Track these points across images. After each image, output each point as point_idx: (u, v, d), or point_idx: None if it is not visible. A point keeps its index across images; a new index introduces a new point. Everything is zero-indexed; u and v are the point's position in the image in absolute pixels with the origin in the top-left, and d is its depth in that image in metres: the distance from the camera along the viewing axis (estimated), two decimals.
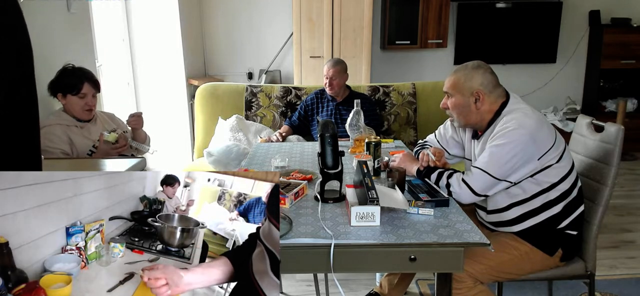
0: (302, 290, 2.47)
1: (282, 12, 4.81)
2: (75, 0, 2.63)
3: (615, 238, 3.06)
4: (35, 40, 0.85)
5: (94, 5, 3.17)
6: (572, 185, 1.68)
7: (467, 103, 1.71)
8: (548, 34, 4.97)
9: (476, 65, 1.72)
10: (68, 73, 2.28)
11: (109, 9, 3.68)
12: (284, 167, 2.07)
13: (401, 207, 1.48)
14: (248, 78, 4.97)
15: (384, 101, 3.50)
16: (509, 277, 1.73)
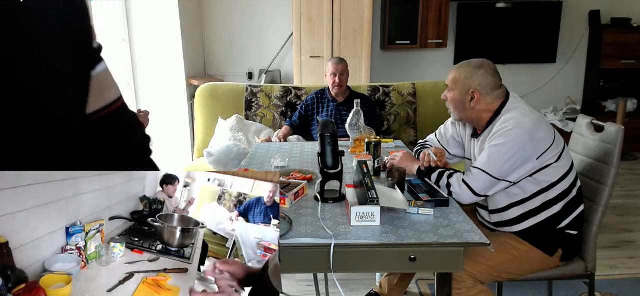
0: (302, 290, 2.47)
1: (282, 12, 4.81)
2: None
3: (615, 238, 3.06)
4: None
5: (94, 5, 3.17)
6: (571, 184, 1.68)
7: (463, 100, 1.73)
8: (548, 34, 4.97)
9: (479, 65, 1.72)
10: None
11: (109, 9, 3.68)
12: (284, 167, 2.07)
13: (401, 207, 1.48)
14: (248, 78, 4.97)
15: (384, 101, 3.50)
16: (509, 277, 1.73)
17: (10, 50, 0.67)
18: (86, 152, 0.80)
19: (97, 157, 0.80)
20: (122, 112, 0.79)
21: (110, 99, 0.77)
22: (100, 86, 0.77)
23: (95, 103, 0.76)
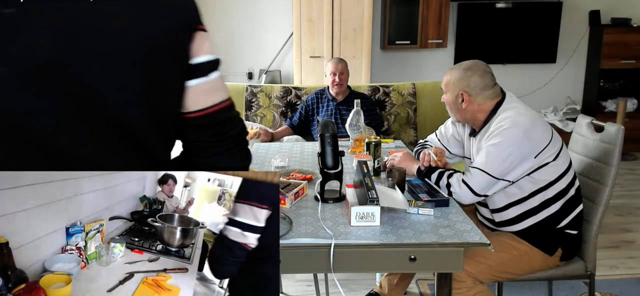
0: (302, 290, 2.47)
1: (282, 12, 4.81)
2: None
3: (615, 238, 3.06)
4: None
5: None
6: (569, 183, 1.68)
7: (455, 102, 1.77)
8: (548, 34, 4.97)
9: (467, 67, 1.74)
10: None
11: None
12: (284, 167, 2.07)
13: (401, 207, 1.48)
14: (248, 78, 4.97)
15: (384, 101, 3.50)
16: (509, 277, 1.73)
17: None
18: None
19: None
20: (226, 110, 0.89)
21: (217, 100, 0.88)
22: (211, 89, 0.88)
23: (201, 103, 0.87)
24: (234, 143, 0.90)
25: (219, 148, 0.89)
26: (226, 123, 0.89)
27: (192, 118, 0.87)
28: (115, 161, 0.81)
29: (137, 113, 0.79)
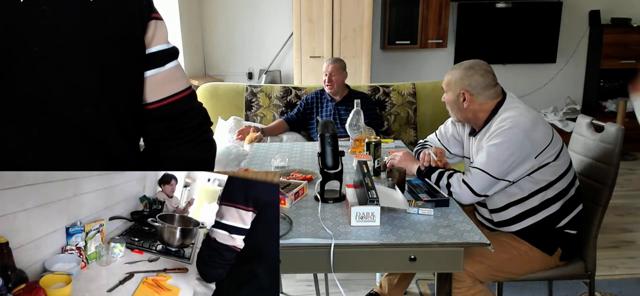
0: (302, 290, 2.47)
1: (282, 12, 4.81)
2: None
3: (615, 238, 3.06)
4: None
5: None
6: (569, 183, 1.68)
7: (457, 101, 1.77)
8: (548, 34, 4.97)
9: (469, 66, 1.74)
10: None
11: None
12: (284, 167, 2.07)
13: (401, 207, 1.48)
14: (248, 78, 4.97)
15: (384, 101, 3.50)
16: (509, 277, 1.73)
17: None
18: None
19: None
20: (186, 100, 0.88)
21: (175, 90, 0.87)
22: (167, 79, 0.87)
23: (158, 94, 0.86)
24: (193, 135, 0.88)
25: (177, 141, 0.87)
26: (186, 114, 0.87)
27: (151, 110, 0.85)
28: (78, 162, 0.80)
29: (93, 113, 0.78)
